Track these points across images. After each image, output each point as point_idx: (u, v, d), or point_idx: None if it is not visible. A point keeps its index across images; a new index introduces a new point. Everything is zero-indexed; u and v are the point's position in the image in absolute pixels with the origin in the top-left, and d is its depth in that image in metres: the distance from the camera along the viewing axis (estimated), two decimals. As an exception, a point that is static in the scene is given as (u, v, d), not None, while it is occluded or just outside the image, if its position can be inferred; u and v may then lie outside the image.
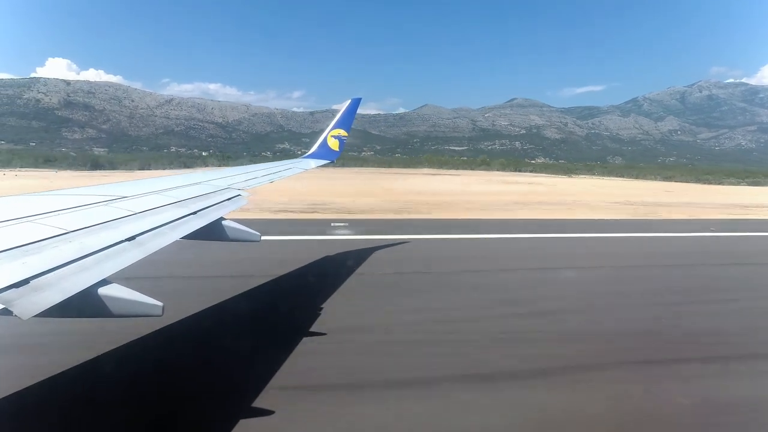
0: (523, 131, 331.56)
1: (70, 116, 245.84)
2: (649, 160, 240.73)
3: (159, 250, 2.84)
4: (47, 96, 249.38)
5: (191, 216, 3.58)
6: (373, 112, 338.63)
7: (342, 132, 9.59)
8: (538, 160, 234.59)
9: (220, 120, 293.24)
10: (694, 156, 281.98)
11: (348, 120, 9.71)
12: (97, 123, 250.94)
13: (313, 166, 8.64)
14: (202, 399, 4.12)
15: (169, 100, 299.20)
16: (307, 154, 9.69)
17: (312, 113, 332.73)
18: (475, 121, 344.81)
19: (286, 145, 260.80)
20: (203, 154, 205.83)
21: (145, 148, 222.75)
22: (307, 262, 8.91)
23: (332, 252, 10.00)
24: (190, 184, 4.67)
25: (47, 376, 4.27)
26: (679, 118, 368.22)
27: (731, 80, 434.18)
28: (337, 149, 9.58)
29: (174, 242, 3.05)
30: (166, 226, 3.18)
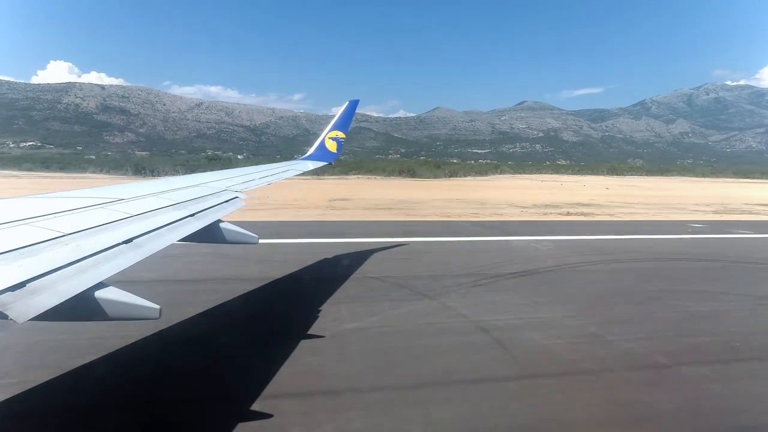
0: (541, 134, 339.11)
1: (109, 120, 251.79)
2: (669, 163, 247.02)
3: (156, 252, 2.79)
4: (84, 101, 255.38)
5: (189, 218, 3.55)
6: (373, 114, 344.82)
7: (340, 134, 9.50)
8: (560, 162, 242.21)
9: (248, 123, 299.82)
10: (709, 158, 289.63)
11: (346, 122, 9.63)
12: (134, 127, 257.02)
13: (311, 168, 8.69)
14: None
15: (199, 104, 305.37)
16: (304, 155, 9.58)
17: (335, 116, 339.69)
18: (493, 124, 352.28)
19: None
20: (238, 157, 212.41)
21: (183, 151, 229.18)
22: None
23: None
24: (188, 186, 4.71)
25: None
26: (687, 120, 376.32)
27: (728, 82, 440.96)
28: (335, 151, 9.50)
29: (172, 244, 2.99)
30: (164, 228, 3.14)
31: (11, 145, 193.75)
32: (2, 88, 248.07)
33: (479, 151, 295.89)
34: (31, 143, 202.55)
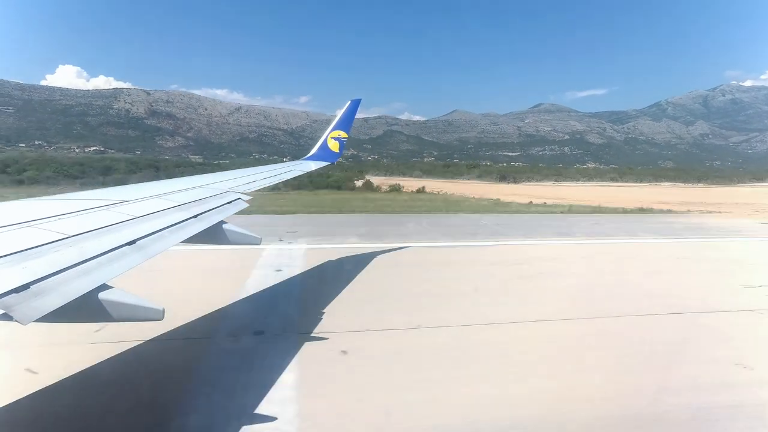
0: (567, 136, 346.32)
1: (158, 125, 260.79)
2: (697, 165, 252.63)
3: (160, 254, 2.78)
4: (134, 106, 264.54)
5: (192, 220, 3.58)
6: (377, 115, 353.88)
7: (342, 134, 9.46)
8: (589, 165, 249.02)
9: (285, 127, 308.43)
10: (735, 160, 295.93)
11: (348, 122, 9.58)
12: (183, 131, 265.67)
13: (314, 168, 8.70)
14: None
15: (238, 108, 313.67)
16: (307, 156, 9.59)
17: (366, 119, 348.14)
18: (519, 127, 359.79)
19: (352, 151, 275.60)
20: (284, 160, 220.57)
21: (233, 155, 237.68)
22: None
23: None
24: (191, 188, 4.70)
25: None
26: (705, 121, 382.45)
27: (734, 82, 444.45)
28: (337, 151, 9.47)
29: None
30: (167, 230, 3.16)
31: (76, 150, 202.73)
32: (55, 94, 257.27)
33: (510, 154, 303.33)
34: (94, 148, 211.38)
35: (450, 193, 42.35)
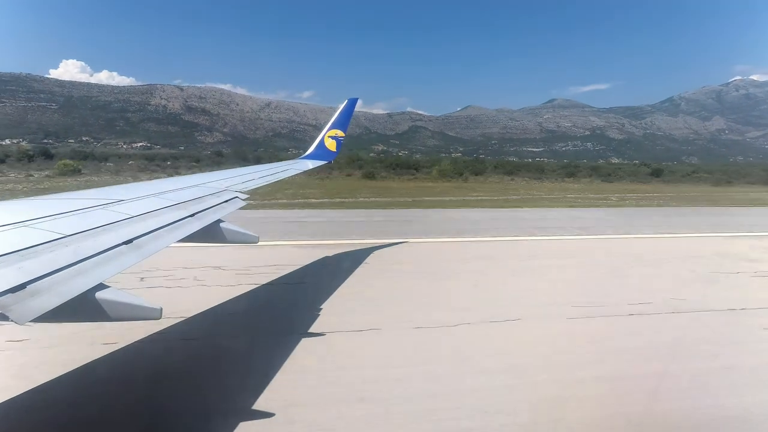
0: (587, 132, 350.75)
1: (195, 120, 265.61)
2: (719, 160, 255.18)
3: (157, 253, 2.78)
4: (170, 102, 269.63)
5: (189, 218, 3.58)
6: (380, 111, 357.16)
7: (339, 132, 9.53)
8: (613, 161, 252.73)
9: (313, 122, 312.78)
10: (756, 155, 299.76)
11: (345, 120, 9.69)
12: (219, 126, 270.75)
13: (310, 167, 8.71)
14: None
15: (267, 104, 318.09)
16: (304, 155, 9.64)
17: (390, 115, 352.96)
18: (539, 122, 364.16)
19: (381, 146, 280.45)
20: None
21: (271, 149, 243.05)
22: None
23: None
24: (188, 187, 4.74)
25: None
26: (720, 117, 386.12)
27: (738, 77, 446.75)
28: (335, 150, 9.53)
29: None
30: (164, 228, 3.16)
31: (123, 146, 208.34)
32: (93, 90, 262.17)
33: (534, 150, 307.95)
34: (140, 144, 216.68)
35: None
